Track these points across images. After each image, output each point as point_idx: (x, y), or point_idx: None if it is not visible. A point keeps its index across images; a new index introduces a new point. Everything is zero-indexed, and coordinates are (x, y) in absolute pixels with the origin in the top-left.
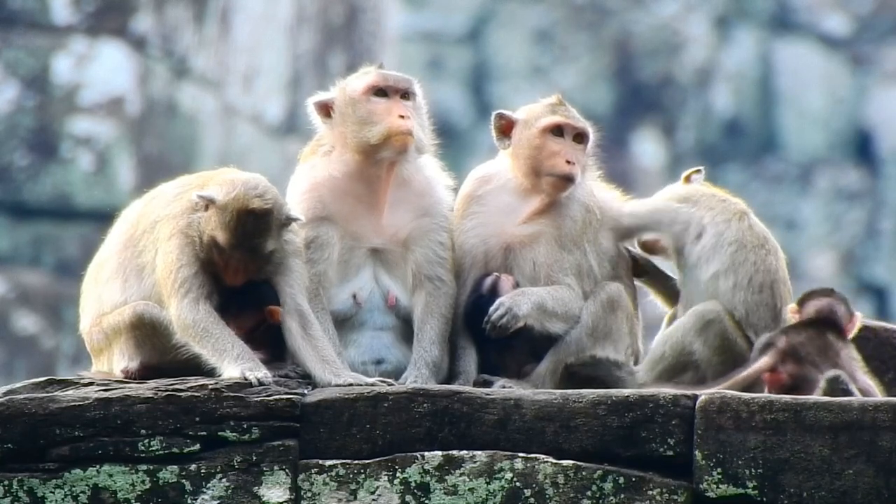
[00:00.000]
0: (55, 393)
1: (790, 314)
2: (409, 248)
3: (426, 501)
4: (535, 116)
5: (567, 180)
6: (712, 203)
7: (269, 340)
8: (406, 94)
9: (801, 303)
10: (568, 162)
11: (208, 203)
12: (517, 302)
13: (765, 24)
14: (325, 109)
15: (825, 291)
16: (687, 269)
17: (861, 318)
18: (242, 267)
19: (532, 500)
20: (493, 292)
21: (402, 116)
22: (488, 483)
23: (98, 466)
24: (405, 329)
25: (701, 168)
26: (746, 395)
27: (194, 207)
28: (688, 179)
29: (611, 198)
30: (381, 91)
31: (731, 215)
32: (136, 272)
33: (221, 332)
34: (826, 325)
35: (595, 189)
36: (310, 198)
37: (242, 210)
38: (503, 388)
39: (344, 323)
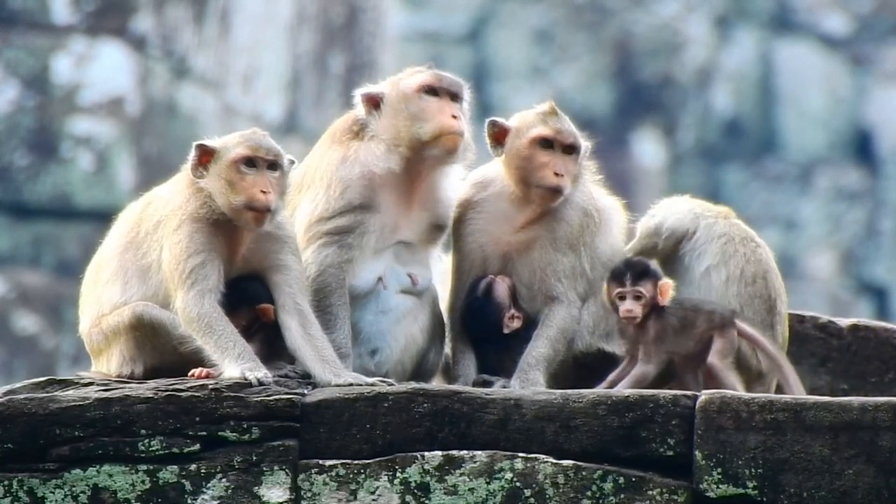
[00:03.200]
0: (55, 393)
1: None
2: (428, 238)
3: (426, 501)
4: (525, 126)
5: (555, 192)
6: (700, 203)
7: (263, 340)
8: (456, 97)
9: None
10: (556, 174)
11: (209, 154)
12: (527, 384)
13: (765, 24)
14: (372, 102)
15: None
16: (680, 271)
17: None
18: (267, 180)
19: (532, 500)
20: (488, 295)
21: (454, 117)
22: (488, 483)
23: (98, 466)
24: (405, 308)
25: None
26: (746, 395)
27: (194, 184)
28: None
29: (612, 206)
30: (432, 90)
31: (718, 213)
32: (138, 273)
33: (224, 330)
34: None
35: (595, 193)
36: (362, 184)
37: (246, 132)
38: (503, 388)
39: (357, 300)
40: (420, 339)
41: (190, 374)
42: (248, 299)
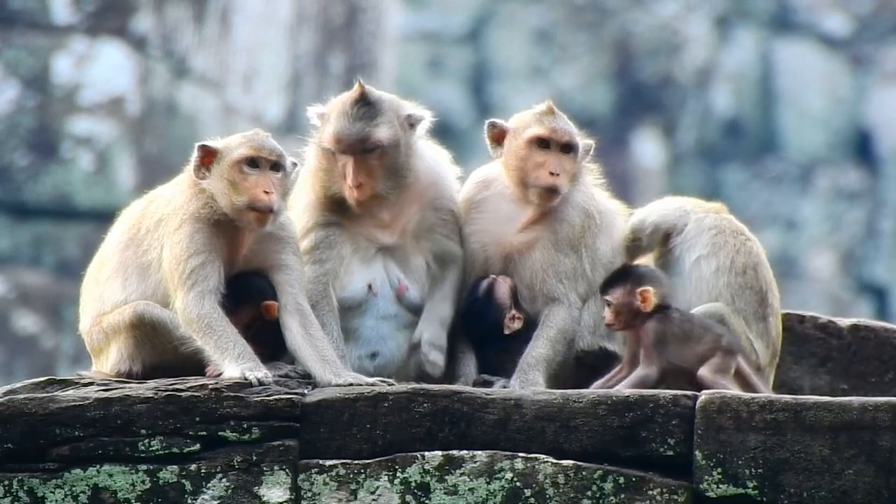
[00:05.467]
0: (55, 393)
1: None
2: (419, 239)
3: (426, 501)
4: (522, 126)
5: (551, 192)
6: (690, 200)
7: (266, 337)
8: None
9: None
10: (552, 173)
11: (212, 155)
12: (527, 384)
13: (765, 24)
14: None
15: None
16: (671, 263)
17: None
18: (270, 181)
19: (532, 500)
20: (489, 295)
21: (356, 186)
22: (488, 483)
23: (98, 466)
24: (409, 318)
25: None
26: (746, 395)
27: (196, 184)
28: None
29: (613, 209)
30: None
31: (709, 208)
32: (138, 271)
33: (224, 330)
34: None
35: (597, 195)
36: (314, 208)
37: (248, 133)
38: (503, 388)
39: (353, 310)
40: None
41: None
42: (253, 295)
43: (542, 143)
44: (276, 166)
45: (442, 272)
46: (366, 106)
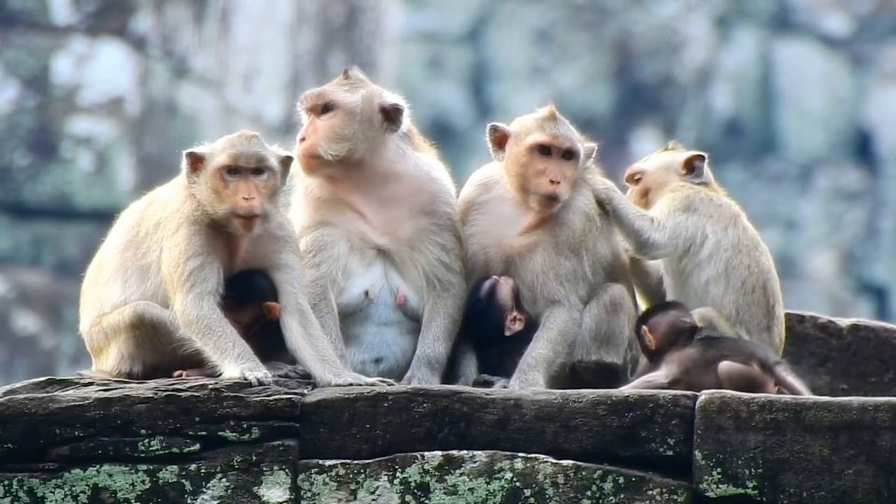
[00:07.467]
0: (55, 393)
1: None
2: (413, 249)
3: (426, 501)
4: (524, 132)
5: (551, 200)
6: (710, 210)
7: (267, 337)
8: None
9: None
10: (552, 181)
11: (200, 160)
12: (526, 385)
13: (765, 24)
14: None
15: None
16: (680, 274)
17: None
18: (251, 186)
19: (532, 500)
20: (491, 296)
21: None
22: (488, 483)
23: (98, 466)
24: (411, 325)
25: (704, 155)
26: (746, 395)
27: (189, 188)
28: (688, 164)
29: None
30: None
31: (728, 221)
32: (138, 273)
33: (224, 330)
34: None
35: None
36: (303, 206)
37: (232, 136)
38: (503, 389)
39: (352, 316)
40: None
41: (176, 374)
42: (255, 295)
43: (543, 149)
44: (258, 170)
45: (437, 301)
46: (345, 80)
